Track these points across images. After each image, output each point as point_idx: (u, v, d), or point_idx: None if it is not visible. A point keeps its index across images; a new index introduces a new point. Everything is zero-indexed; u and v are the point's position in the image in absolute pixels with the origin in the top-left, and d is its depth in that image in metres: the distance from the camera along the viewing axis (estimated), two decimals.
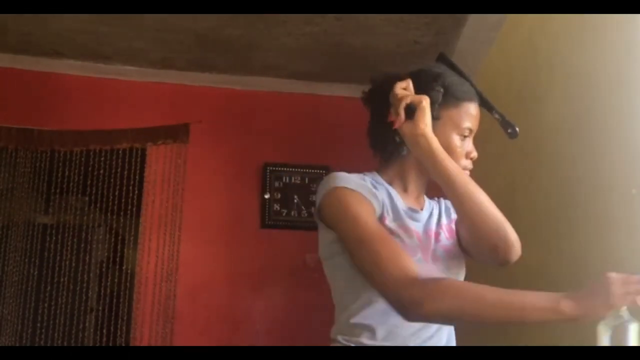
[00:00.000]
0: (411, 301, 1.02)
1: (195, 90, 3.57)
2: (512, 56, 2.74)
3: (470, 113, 1.23)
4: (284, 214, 3.47)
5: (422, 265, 1.14)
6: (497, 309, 0.98)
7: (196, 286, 3.38)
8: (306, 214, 3.46)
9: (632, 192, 1.63)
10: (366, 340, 1.16)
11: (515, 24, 2.67)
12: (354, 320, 1.17)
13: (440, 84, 1.20)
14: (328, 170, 3.20)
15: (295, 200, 3.49)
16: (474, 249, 1.21)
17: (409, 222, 1.21)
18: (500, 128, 1.25)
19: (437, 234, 1.25)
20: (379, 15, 2.79)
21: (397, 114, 1.14)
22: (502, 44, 2.87)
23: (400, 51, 3.14)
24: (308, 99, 3.63)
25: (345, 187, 1.16)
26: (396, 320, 1.10)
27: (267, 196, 3.46)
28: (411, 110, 1.14)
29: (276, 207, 3.47)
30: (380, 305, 1.14)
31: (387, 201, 1.21)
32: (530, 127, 2.46)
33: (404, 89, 1.17)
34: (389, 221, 1.18)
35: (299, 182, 3.52)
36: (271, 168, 3.51)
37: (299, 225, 3.44)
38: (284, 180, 3.51)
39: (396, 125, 1.15)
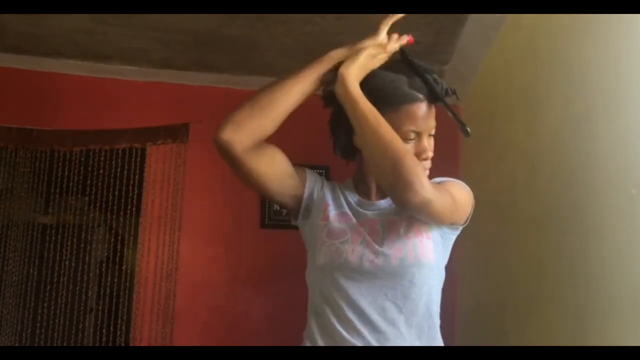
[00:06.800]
0: None
1: (195, 90, 3.56)
2: (512, 56, 2.74)
3: (412, 115, 1.19)
4: (283, 214, 3.46)
5: (347, 245, 1.22)
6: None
7: (196, 286, 3.38)
8: None
9: (632, 192, 1.63)
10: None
11: (515, 24, 2.67)
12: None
13: (367, 90, 1.20)
14: (328, 170, 3.19)
15: None
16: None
17: (349, 210, 1.27)
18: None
19: (390, 222, 1.23)
20: (379, 15, 2.79)
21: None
22: (502, 44, 2.87)
23: None
24: (308, 99, 3.62)
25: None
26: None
27: None
28: None
29: (276, 207, 3.47)
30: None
31: (329, 193, 1.30)
32: (530, 127, 2.46)
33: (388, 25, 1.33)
34: (330, 210, 1.28)
35: None
36: None
37: None
38: None
39: None
